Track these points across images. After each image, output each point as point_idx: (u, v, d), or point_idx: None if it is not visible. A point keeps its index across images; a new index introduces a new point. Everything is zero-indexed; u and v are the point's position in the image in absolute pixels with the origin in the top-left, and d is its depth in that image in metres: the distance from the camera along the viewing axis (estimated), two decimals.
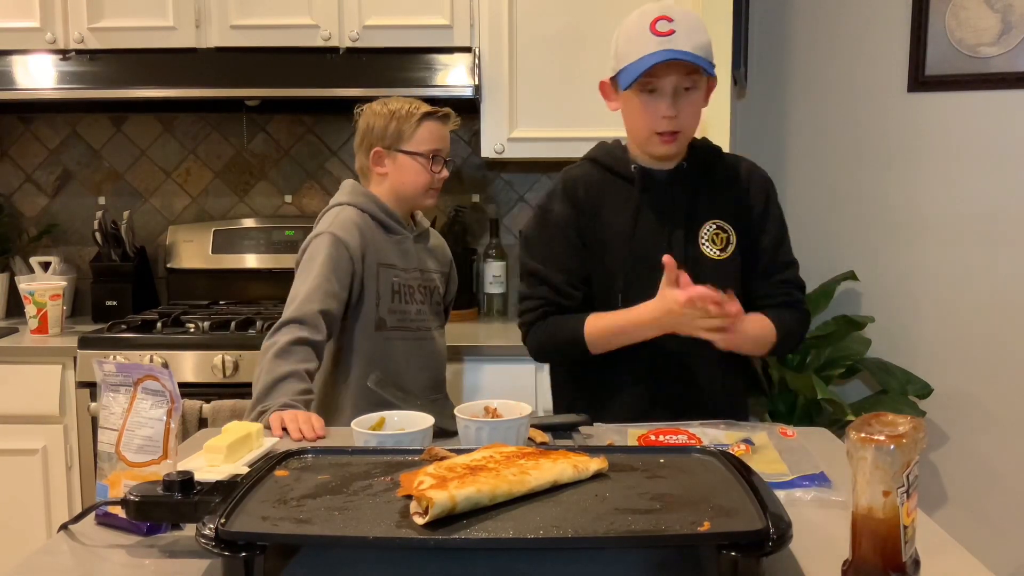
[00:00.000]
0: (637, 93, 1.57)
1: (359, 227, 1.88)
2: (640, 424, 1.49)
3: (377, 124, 1.93)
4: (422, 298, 1.99)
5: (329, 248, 1.83)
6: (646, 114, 1.58)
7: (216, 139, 3.03)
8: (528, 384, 2.45)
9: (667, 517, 0.96)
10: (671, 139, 1.59)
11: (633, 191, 1.65)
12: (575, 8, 2.62)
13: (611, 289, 1.64)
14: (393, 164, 1.94)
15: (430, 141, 1.94)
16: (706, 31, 1.56)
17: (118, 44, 2.59)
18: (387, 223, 1.94)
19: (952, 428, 2.82)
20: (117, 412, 1.17)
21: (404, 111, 1.92)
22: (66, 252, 3.03)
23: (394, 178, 1.95)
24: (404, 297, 1.95)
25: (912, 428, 0.89)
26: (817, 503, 1.18)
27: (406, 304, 1.95)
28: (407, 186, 1.95)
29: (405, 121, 1.92)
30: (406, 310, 1.95)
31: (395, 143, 1.93)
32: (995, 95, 2.71)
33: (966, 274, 2.79)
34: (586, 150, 2.05)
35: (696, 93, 1.58)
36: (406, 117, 1.92)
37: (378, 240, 1.92)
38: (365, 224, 1.91)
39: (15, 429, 2.45)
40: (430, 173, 1.94)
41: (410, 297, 1.96)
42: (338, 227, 1.87)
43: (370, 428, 1.34)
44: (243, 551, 0.90)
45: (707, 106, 1.64)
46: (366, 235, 1.89)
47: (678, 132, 1.58)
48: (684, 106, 1.57)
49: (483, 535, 0.92)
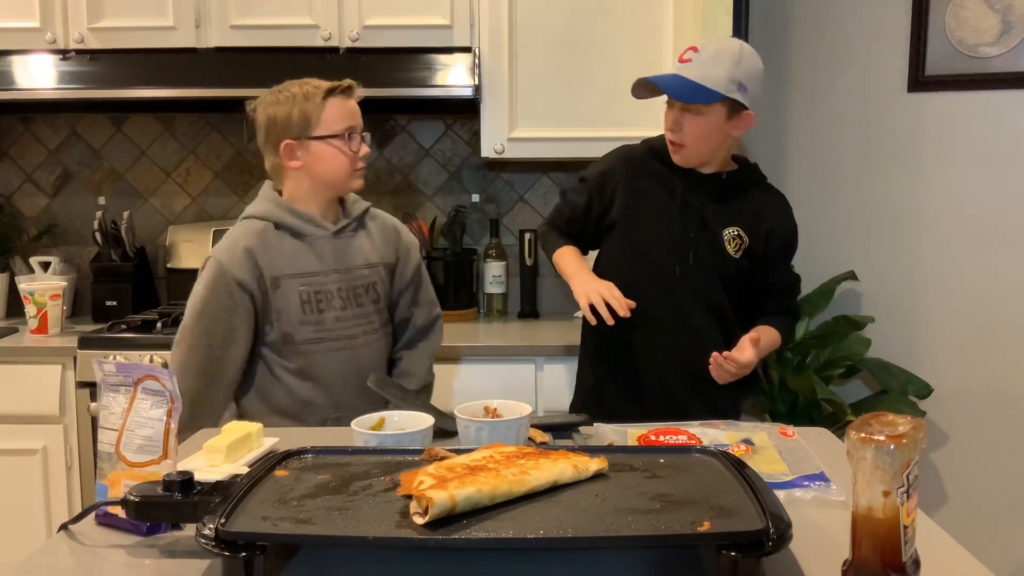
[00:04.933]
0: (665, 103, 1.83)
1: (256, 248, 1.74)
2: (640, 424, 1.49)
3: (279, 114, 1.77)
4: (342, 303, 1.81)
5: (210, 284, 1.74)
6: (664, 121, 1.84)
7: (216, 139, 3.03)
8: (528, 384, 2.45)
9: (667, 517, 0.96)
10: (676, 150, 1.82)
11: (676, 178, 1.86)
12: (575, 8, 2.62)
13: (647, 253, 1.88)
14: (307, 154, 1.77)
15: (341, 119, 1.78)
16: (729, 66, 1.72)
17: (118, 44, 2.59)
18: (295, 227, 1.78)
19: (952, 428, 2.82)
20: (117, 412, 1.17)
21: (303, 92, 1.77)
22: (66, 252, 3.03)
23: (312, 169, 1.78)
24: (316, 306, 1.78)
25: (912, 428, 0.89)
26: (817, 503, 1.18)
27: (320, 313, 1.78)
28: (327, 174, 1.79)
29: (308, 103, 1.76)
30: (321, 320, 1.79)
31: (304, 131, 1.76)
32: (995, 95, 2.71)
33: (966, 274, 2.79)
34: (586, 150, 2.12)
35: (699, 117, 1.76)
36: (307, 98, 1.76)
37: (283, 250, 1.77)
38: (265, 238, 1.76)
39: (15, 429, 2.45)
40: (350, 153, 1.78)
41: (327, 304, 1.79)
42: (225, 252, 1.75)
43: (370, 428, 1.34)
44: (243, 551, 0.90)
45: (740, 133, 1.82)
46: (264, 250, 1.75)
47: (682, 145, 1.80)
48: (686, 125, 1.78)
49: (483, 535, 0.92)
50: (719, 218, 1.85)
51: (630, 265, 1.90)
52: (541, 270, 2.96)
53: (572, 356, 2.40)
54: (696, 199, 1.85)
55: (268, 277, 1.75)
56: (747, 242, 1.85)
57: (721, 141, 1.81)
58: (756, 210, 1.87)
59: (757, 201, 1.89)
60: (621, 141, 2.59)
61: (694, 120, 1.77)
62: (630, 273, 1.87)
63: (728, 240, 1.85)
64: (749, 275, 1.88)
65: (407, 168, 3.00)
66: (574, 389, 2.06)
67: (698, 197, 1.85)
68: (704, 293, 1.87)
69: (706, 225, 1.85)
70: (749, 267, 1.87)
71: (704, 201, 1.85)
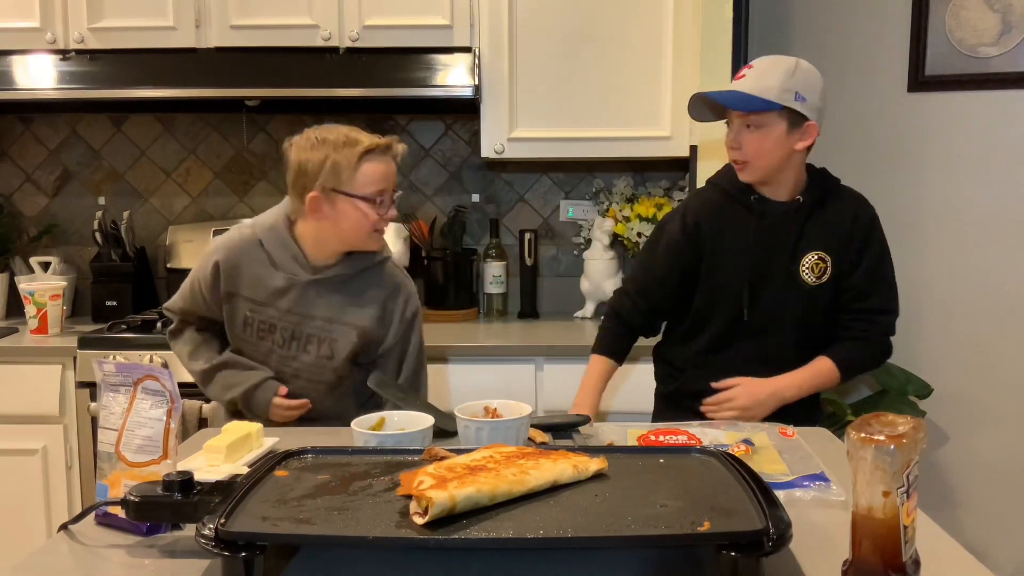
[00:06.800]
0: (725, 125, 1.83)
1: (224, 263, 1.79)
2: (640, 424, 1.49)
3: (312, 160, 1.71)
4: (283, 341, 1.79)
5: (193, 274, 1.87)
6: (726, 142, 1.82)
7: (216, 139, 3.03)
8: (528, 384, 2.45)
9: (667, 517, 0.96)
10: (740, 167, 1.80)
11: (751, 218, 1.82)
12: (575, 8, 2.62)
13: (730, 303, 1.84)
14: (331, 208, 1.72)
15: (374, 182, 1.72)
16: (782, 76, 1.72)
17: (118, 44, 2.59)
18: (275, 258, 1.78)
19: (952, 428, 2.82)
20: (117, 412, 1.17)
21: (340, 142, 1.71)
22: (66, 252, 3.03)
23: (334, 224, 1.73)
24: (256, 332, 1.80)
25: (912, 428, 0.89)
26: (817, 503, 1.18)
27: (259, 340, 1.80)
28: (346, 233, 1.74)
29: (342, 155, 1.69)
30: (257, 346, 1.81)
31: (333, 186, 1.70)
32: (995, 95, 2.71)
33: (966, 274, 2.78)
34: (586, 150, 2.09)
35: (760, 130, 1.74)
36: (343, 151, 1.69)
37: (251, 271, 1.79)
38: (246, 254, 1.79)
39: (15, 429, 2.45)
40: (375, 217, 1.73)
41: (267, 335, 1.80)
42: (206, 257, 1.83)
43: (370, 428, 1.34)
44: (243, 551, 0.90)
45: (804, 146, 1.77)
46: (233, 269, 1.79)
47: (746, 162, 1.78)
48: (746, 141, 1.76)
49: (483, 535, 0.92)
50: (799, 248, 1.81)
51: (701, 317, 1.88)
52: (541, 270, 2.97)
53: (572, 356, 2.41)
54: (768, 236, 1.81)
55: (224, 291, 1.81)
56: (830, 263, 1.81)
57: (785, 155, 1.76)
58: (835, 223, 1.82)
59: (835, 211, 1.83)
60: (621, 141, 2.60)
61: (753, 135, 1.75)
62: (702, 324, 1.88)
63: (808, 269, 1.80)
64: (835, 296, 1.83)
65: (407, 168, 3.00)
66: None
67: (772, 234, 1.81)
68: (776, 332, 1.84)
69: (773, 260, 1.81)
70: (833, 289, 1.82)
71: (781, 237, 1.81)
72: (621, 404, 2.34)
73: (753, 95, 1.71)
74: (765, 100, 1.71)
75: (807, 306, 1.82)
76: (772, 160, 1.76)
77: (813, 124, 1.75)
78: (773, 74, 1.72)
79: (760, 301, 1.82)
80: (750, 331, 1.84)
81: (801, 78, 1.73)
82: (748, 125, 1.75)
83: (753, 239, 1.81)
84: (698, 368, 1.89)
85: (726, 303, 1.84)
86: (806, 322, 1.84)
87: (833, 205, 1.84)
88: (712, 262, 1.85)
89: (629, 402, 2.29)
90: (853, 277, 1.82)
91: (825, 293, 1.82)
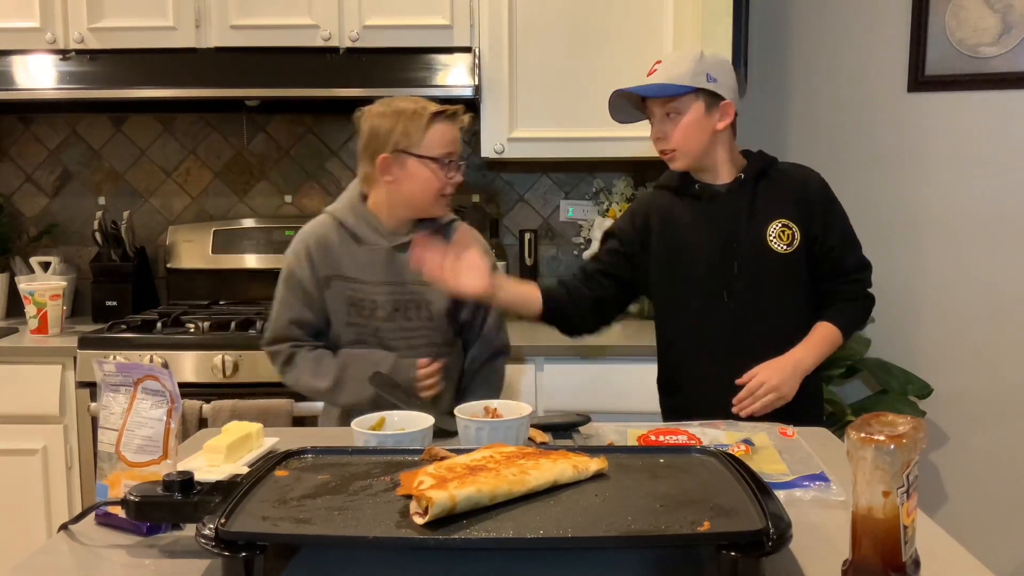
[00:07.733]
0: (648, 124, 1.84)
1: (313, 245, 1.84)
2: (640, 424, 1.49)
3: (382, 127, 1.80)
4: (387, 315, 1.84)
5: (284, 276, 1.88)
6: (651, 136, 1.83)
7: (216, 139, 3.03)
8: (528, 384, 2.45)
9: (667, 517, 0.96)
10: (670, 157, 1.82)
11: (700, 203, 1.84)
12: (575, 8, 2.62)
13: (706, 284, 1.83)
14: (402, 171, 1.80)
15: (442, 144, 1.80)
16: (690, 62, 1.76)
17: (118, 44, 2.59)
18: (356, 231, 1.85)
19: (952, 428, 2.82)
20: (117, 412, 1.17)
21: (411, 110, 1.80)
22: (66, 252, 3.03)
23: (401, 186, 1.81)
24: (361, 312, 1.84)
25: (912, 428, 0.89)
26: (817, 503, 1.18)
27: (365, 319, 1.84)
28: (417, 195, 1.82)
29: (413, 122, 1.78)
30: (364, 325, 1.84)
31: (404, 147, 1.79)
32: (995, 95, 2.71)
33: (966, 274, 2.79)
34: (586, 150, 2.09)
35: (678, 117, 1.77)
36: (413, 117, 1.79)
37: (340, 251, 1.84)
38: (330, 236, 1.85)
39: (15, 429, 2.45)
40: (443, 179, 1.81)
41: (371, 313, 1.84)
42: (292, 251, 1.88)
43: (370, 428, 1.34)
44: (243, 551, 0.90)
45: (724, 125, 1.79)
46: (324, 249, 1.84)
47: (674, 150, 1.80)
48: (670, 129, 1.78)
49: (483, 535, 0.92)
50: (758, 219, 1.80)
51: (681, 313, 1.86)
52: (541, 270, 2.96)
53: (572, 356, 2.41)
54: (722, 215, 1.81)
55: (321, 276, 1.84)
56: (796, 230, 1.79)
57: (708, 137, 1.78)
58: (787, 191, 1.83)
59: (782, 181, 1.84)
60: (621, 141, 2.59)
61: (674, 122, 1.78)
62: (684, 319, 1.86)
63: (776, 237, 1.79)
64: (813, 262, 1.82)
65: None
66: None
67: (725, 212, 1.81)
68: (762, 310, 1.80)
69: (738, 236, 1.80)
70: (808, 254, 1.81)
71: (734, 212, 1.81)
72: (621, 404, 2.34)
73: (667, 83, 1.76)
74: (679, 85, 1.75)
75: (784, 277, 1.79)
76: (697, 143, 1.79)
77: (729, 103, 1.79)
78: (683, 62, 1.77)
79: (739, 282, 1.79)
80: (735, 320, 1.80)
81: (710, 61, 1.78)
82: (668, 114, 1.78)
83: (706, 216, 1.82)
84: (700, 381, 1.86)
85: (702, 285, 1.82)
86: (789, 297, 1.81)
87: (777, 176, 1.85)
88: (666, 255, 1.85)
89: (629, 402, 2.29)
90: (828, 240, 1.82)
91: (799, 261, 1.80)
